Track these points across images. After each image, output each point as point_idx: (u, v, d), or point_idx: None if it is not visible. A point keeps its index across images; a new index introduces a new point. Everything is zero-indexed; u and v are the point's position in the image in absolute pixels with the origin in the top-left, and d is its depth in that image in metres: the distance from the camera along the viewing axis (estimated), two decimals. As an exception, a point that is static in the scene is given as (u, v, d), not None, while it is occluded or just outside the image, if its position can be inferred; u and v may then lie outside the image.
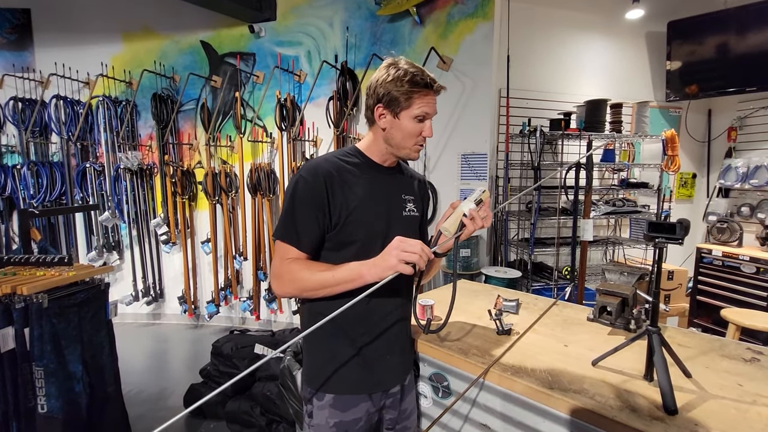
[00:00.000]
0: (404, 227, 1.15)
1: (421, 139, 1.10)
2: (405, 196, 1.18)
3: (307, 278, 1.01)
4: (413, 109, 1.05)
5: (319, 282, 1.01)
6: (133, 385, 2.87)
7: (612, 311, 1.45)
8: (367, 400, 1.11)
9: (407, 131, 1.07)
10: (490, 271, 3.06)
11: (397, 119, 1.06)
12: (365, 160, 1.13)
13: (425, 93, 1.05)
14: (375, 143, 1.13)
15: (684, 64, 3.73)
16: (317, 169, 1.05)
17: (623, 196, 3.65)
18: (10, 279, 1.65)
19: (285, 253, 1.04)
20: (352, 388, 1.10)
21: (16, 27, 4.02)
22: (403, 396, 1.23)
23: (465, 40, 3.28)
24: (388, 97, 1.04)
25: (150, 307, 4.16)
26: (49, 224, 4.05)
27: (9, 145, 4.05)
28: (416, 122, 1.06)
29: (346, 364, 1.10)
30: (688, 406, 0.99)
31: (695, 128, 4.06)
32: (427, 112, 1.06)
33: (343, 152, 1.14)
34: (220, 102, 3.88)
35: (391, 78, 1.04)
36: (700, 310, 3.45)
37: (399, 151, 1.11)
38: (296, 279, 1.02)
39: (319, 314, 1.04)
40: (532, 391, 1.10)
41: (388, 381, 1.16)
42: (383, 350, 1.14)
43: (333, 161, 1.09)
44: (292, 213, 1.04)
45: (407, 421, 1.25)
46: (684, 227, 1.00)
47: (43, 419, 1.61)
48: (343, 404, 1.09)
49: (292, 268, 1.02)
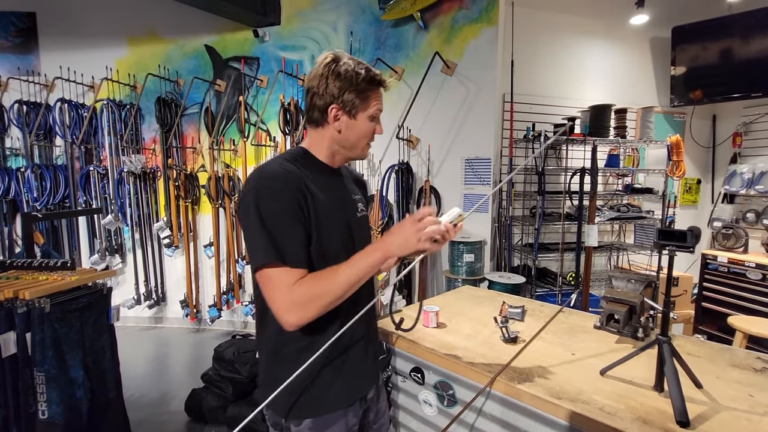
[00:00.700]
0: (362, 230, 1.12)
1: (372, 138, 1.07)
2: (354, 197, 1.14)
3: (331, 288, 0.89)
4: (370, 109, 1.01)
5: (346, 282, 0.89)
6: (134, 389, 2.86)
7: (620, 319, 1.43)
8: (348, 413, 1.05)
9: (363, 131, 1.03)
10: (494, 277, 3.04)
11: (353, 120, 1.00)
12: (316, 163, 1.05)
13: (378, 90, 1.02)
14: (324, 145, 1.04)
15: (688, 69, 3.72)
16: (277, 173, 0.94)
17: (628, 202, 3.63)
18: (13, 283, 1.64)
19: (287, 278, 0.88)
20: (331, 406, 1.03)
21: (22, 30, 4.04)
22: (378, 395, 1.20)
23: (469, 44, 3.28)
24: (344, 97, 0.98)
25: (152, 311, 4.15)
26: (52, 227, 4.05)
27: (13, 148, 4.06)
28: (371, 122, 1.03)
29: (323, 384, 1.02)
30: (700, 418, 0.97)
31: (700, 134, 4.05)
32: (380, 109, 1.04)
33: (292, 155, 1.03)
34: (224, 106, 3.89)
35: (344, 76, 0.96)
36: (705, 316, 3.42)
37: (352, 152, 1.06)
38: (319, 295, 0.88)
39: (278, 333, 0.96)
40: (540, 401, 1.08)
41: (366, 386, 1.12)
42: (361, 359, 1.10)
43: (288, 165, 0.97)
44: (265, 230, 0.88)
45: (383, 418, 1.22)
46: (695, 235, 0.99)
47: (44, 425, 1.59)
48: (323, 423, 1.02)
49: (308, 288, 0.89)
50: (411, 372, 1.48)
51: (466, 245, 3.13)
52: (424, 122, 3.45)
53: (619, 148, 3.65)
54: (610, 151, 3.65)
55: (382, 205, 3.48)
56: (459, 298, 1.94)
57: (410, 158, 3.51)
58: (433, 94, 3.40)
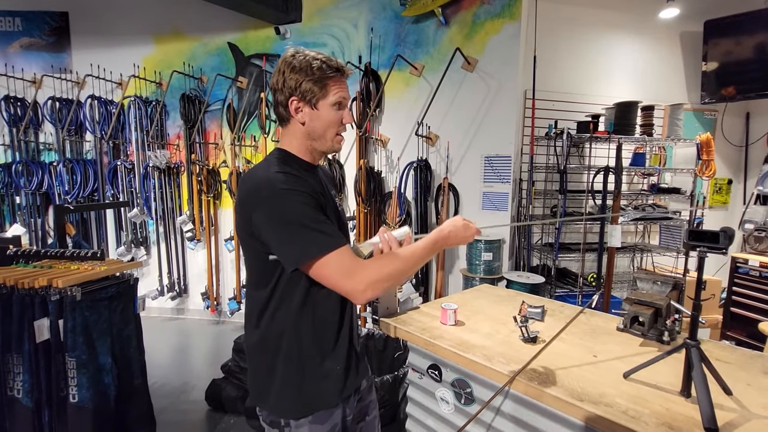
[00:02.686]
0: (345, 225, 1.17)
1: (342, 128, 1.06)
2: (333, 192, 1.16)
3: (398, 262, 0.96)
4: (330, 96, 1.00)
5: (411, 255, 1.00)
6: (156, 377, 2.95)
7: (644, 322, 1.40)
8: (341, 406, 1.08)
9: (327, 121, 1.02)
10: (513, 276, 3.00)
11: (315, 110, 1.01)
12: (301, 164, 1.06)
13: (338, 78, 1.01)
14: (298, 142, 1.05)
15: (721, 65, 3.57)
16: (289, 178, 0.95)
17: (653, 202, 3.52)
18: (47, 272, 1.72)
19: (350, 258, 0.92)
20: (328, 403, 1.05)
21: (55, 29, 4.19)
22: (370, 387, 1.24)
23: (491, 40, 3.23)
24: (302, 87, 0.98)
25: (174, 302, 4.27)
26: (82, 219, 4.20)
27: (47, 142, 4.23)
28: (335, 110, 1.02)
29: (319, 383, 1.04)
30: (730, 426, 0.94)
31: (732, 132, 3.88)
32: (344, 97, 1.03)
33: (281, 160, 1.02)
34: (246, 102, 3.95)
35: (299, 67, 0.97)
36: (734, 322, 3.29)
37: (321, 144, 1.05)
38: (387, 264, 0.95)
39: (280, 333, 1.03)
40: (561, 402, 1.07)
41: (359, 380, 1.15)
42: (355, 355, 1.13)
43: (287, 169, 0.98)
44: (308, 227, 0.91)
45: (375, 410, 1.25)
46: (728, 236, 0.95)
47: (74, 409, 1.66)
48: (321, 418, 1.04)
49: (373, 262, 0.95)
50: (428, 369, 1.48)
51: (485, 244, 3.10)
52: (444, 119, 3.43)
53: (645, 147, 3.54)
54: (635, 149, 3.54)
55: (400, 202, 3.48)
56: (477, 296, 1.92)
57: (429, 155, 3.49)
58: (453, 90, 3.37)
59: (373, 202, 3.57)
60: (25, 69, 4.17)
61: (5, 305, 1.61)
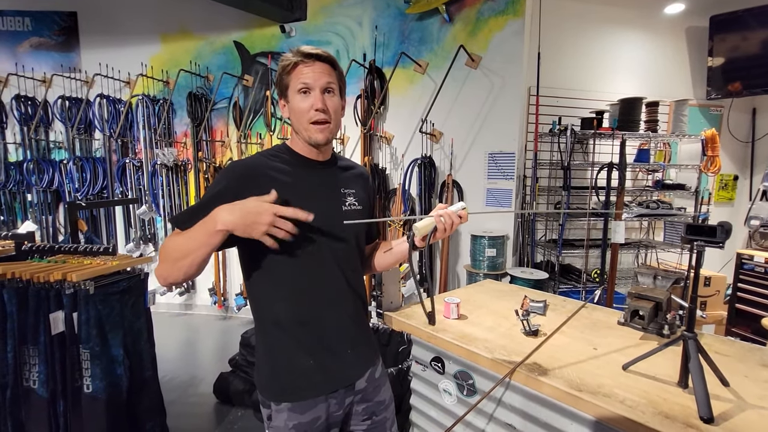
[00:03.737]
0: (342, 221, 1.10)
1: (314, 114, 1.00)
2: (344, 190, 1.12)
3: (171, 244, 0.92)
4: (293, 83, 1.01)
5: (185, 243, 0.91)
6: (165, 371, 3.00)
7: (644, 316, 1.42)
8: (325, 401, 1.06)
9: (298, 109, 1.02)
10: (516, 272, 3.02)
11: (289, 102, 1.04)
12: (294, 156, 1.09)
13: (301, 64, 1.00)
14: (294, 136, 1.10)
15: (727, 60, 3.56)
16: (237, 166, 1.02)
17: (658, 198, 3.52)
18: (61, 266, 1.77)
19: (170, 238, 0.96)
20: (308, 393, 1.04)
21: (64, 29, 4.25)
22: (378, 388, 1.18)
23: (494, 37, 3.24)
24: (279, 85, 1.05)
25: (182, 298, 4.34)
26: (92, 216, 4.27)
27: (57, 141, 4.30)
28: (302, 95, 1.00)
29: (299, 371, 1.04)
30: (725, 415, 0.96)
31: (738, 128, 3.87)
32: (307, 81, 0.99)
33: (272, 150, 1.10)
34: (252, 100, 3.99)
35: (278, 70, 1.05)
36: (738, 318, 3.29)
37: (303, 133, 1.04)
38: (165, 250, 0.93)
39: (272, 322, 1.05)
40: (560, 392, 1.09)
41: (351, 376, 1.11)
42: (339, 348, 1.08)
43: (257, 159, 1.05)
44: (200, 205, 0.96)
45: (386, 412, 1.20)
46: (725, 230, 0.97)
47: (88, 399, 1.71)
48: (300, 408, 1.04)
49: (167, 243, 0.94)
50: (431, 361, 1.51)
51: (488, 240, 3.12)
52: (448, 116, 3.44)
53: (649, 143, 3.54)
54: (640, 145, 3.54)
55: (405, 198, 3.51)
56: (480, 291, 1.95)
57: (433, 152, 3.51)
58: (457, 87, 3.38)
59: (378, 199, 3.61)
60: (35, 68, 4.24)
61: (22, 298, 1.66)
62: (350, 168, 1.21)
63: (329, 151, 1.14)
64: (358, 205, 1.15)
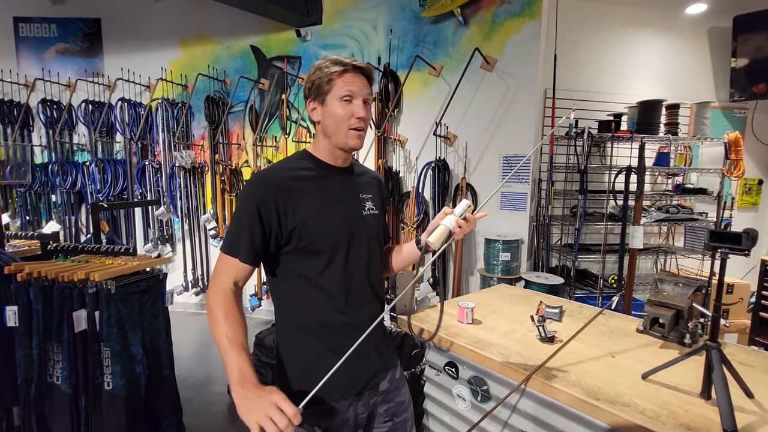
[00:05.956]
0: (367, 227, 1.13)
1: (355, 122, 1.04)
2: (362, 195, 1.15)
3: (213, 328, 1.02)
4: (336, 90, 1.02)
5: (217, 340, 1.02)
6: (181, 369, 3.05)
7: (665, 323, 1.39)
8: (353, 403, 1.08)
9: (337, 115, 1.03)
10: (531, 277, 2.99)
11: (325, 106, 1.05)
12: (316, 163, 1.10)
13: (347, 72, 1.03)
14: (319, 141, 1.11)
15: (751, 61, 3.46)
16: (263, 179, 1.04)
17: (678, 203, 3.44)
18: (84, 266, 1.82)
19: (227, 268, 1.02)
20: (338, 395, 1.06)
21: (88, 35, 4.39)
22: (398, 388, 1.20)
23: (510, 40, 3.22)
24: (313, 87, 1.05)
25: (198, 298, 4.41)
26: (112, 216, 4.39)
27: (80, 143, 4.44)
28: (344, 103, 1.03)
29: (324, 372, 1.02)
30: (750, 428, 0.94)
31: (763, 130, 3.75)
32: (352, 90, 1.02)
33: (293, 158, 1.12)
34: (267, 104, 4.05)
35: (312, 72, 1.06)
36: (763, 327, 3.18)
37: (337, 140, 1.06)
38: (211, 313, 1.03)
39: (297, 326, 1.08)
40: (577, 400, 1.08)
41: (377, 377, 1.14)
42: (364, 349, 1.06)
43: (281, 170, 1.07)
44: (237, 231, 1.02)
45: (406, 412, 1.22)
46: (751, 237, 0.94)
47: (109, 396, 1.76)
48: (331, 410, 1.06)
49: (217, 306, 1.01)
50: (445, 366, 1.51)
51: (503, 244, 3.09)
52: (462, 119, 3.43)
53: (669, 146, 3.46)
54: (659, 149, 3.46)
55: (418, 201, 3.50)
56: (494, 296, 1.93)
57: (447, 155, 3.50)
58: (472, 90, 3.37)
59: (391, 202, 3.61)
60: (60, 73, 4.38)
61: (47, 297, 1.72)
62: (365, 173, 1.24)
63: (350, 158, 1.17)
64: (376, 210, 1.19)
